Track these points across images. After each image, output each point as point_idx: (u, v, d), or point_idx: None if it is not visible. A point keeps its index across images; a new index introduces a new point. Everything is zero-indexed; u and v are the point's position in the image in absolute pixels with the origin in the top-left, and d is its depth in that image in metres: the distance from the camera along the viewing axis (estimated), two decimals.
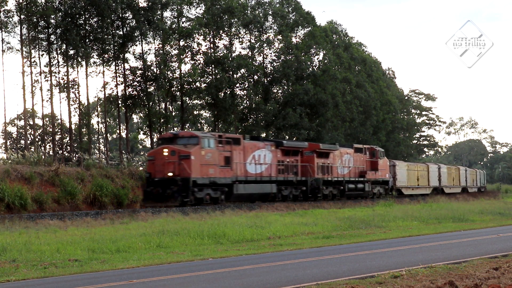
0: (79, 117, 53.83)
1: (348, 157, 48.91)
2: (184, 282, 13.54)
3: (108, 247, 20.38)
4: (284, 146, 42.57)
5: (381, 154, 52.49)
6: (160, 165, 34.57)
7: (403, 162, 60.77)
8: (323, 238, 24.30)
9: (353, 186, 48.75)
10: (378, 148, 53.10)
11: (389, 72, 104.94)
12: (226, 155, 37.19)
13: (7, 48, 49.65)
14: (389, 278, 13.00)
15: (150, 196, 34.61)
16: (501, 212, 38.72)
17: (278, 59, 65.19)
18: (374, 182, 51.81)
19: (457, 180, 69.91)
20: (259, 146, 40.62)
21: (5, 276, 15.59)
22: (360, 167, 50.16)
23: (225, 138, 37.58)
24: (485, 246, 19.59)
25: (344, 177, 48.06)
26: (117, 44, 53.75)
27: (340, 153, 47.82)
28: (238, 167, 38.17)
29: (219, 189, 36.80)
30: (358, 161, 50.00)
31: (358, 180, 49.56)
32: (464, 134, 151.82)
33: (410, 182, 58.35)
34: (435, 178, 63.28)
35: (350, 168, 49.09)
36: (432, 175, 62.78)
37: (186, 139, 35.65)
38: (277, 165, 41.66)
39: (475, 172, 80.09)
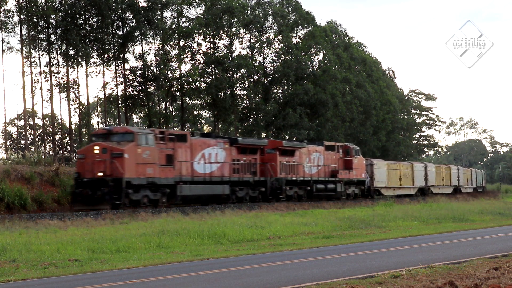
0: (79, 117, 53.88)
1: (318, 155, 45.56)
2: (184, 282, 13.54)
3: (108, 247, 20.37)
4: (239, 144, 39.39)
5: (356, 152, 49.14)
6: (90, 164, 31.55)
7: (383, 161, 57.51)
8: (323, 238, 24.29)
9: (322, 187, 45.42)
10: (352, 145, 50.13)
11: (389, 72, 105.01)
12: (168, 153, 34.09)
13: (7, 48, 49.78)
14: (389, 278, 13.00)
15: (79, 199, 31.63)
16: (501, 212, 38.71)
17: (278, 59, 65.23)
18: (348, 182, 48.53)
19: (447, 180, 66.47)
20: (210, 144, 37.35)
21: (5, 276, 15.58)
22: (331, 166, 46.89)
23: (167, 135, 34.58)
24: (485, 246, 19.59)
25: (312, 177, 44.76)
26: (117, 44, 53.78)
27: (308, 151, 44.52)
28: (183, 166, 35.12)
29: (159, 191, 33.72)
30: (329, 159, 46.75)
31: (328, 180, 46.20)
32: (464, 134, 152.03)
33: (391, 182, 54.91)
34: (420, 178, 59.95)
35: (320, 167, 45.73)
36: (417, 174, 59.44)
37: (120, 135, 32.69)
38: (231, 164, 38.45)
39: (469, 171, 76.75)
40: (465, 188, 71.57)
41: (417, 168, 59.72)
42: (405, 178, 57.08)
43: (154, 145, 33.18)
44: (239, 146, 39.30)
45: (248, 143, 40.54)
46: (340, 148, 48.29)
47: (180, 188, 34.60)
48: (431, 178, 61.84)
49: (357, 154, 49.15)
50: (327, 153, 46.61)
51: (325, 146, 46.66)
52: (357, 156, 49.23)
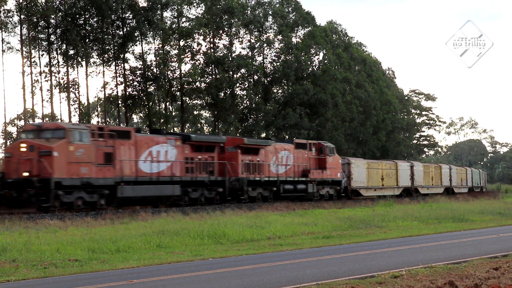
0: (79, 117, 53.86)
1: (286, 153, 42.54)
2: (184, 282, 13.54)
3: (108, 247, 20.38)
4: (193, 141, 36.27)
5: (330, 151, 45.82)
6: (16, 163, 29.02)
7: (362, 159, 54.64)
8: (323, 238, 24.30)
9: (291, 187, 42.37)
10: (326, 143, 46.71)
11: (389, 72, 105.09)
12: (107, 151, 31.29)
13: (7, 48, 49.76)
14: (389, 278, 13.00)
15: (3, 201, 29.16)
16: (501, 212, 38.74)
17: (278, 59, 65.26)
18: (322, 182, 45.42)
19: (437, 179, 63.28)
20: (159, 141, 34.47)
21: (5, 276, 15.59)
22: (302, 165, 43.71)
23: (107, 131, 31.76)
24: (485, 246, 19.60)
25: (279, 177, 41.67)
26: (117, 44, 53.79)
27: (275, 149, 41.63)
28: (125, 165, 32.28)
29: (96, 192, 30.99)
30: (300, 158, 43.62)
31: (298, 180, 43.13)
32: (464, 134, 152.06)
33: (371, 182, 51.63)
34: (406, 178, 56.88)
35: (289, 166, 42.69)
36: (402, 174, 56.37)
37: (50, 132, 29.95)
38: (183, 163, 35.55)
39: (464, 170, 73.14)
40: (458, 188, 68.66)
41: (402, 167, 56.79)
42: (388, 177, 54.00)
43: (89, 142, 30.50)
44: (193, 144, 36.28)
45: (203, 140, 37.49)
46: (312, 146, 45.07)
47: (121, 189, 31.76)
48: (418, 178, 59.01)
49: (331, 153, 45.97)
50: (298, 152, 43.58)
51: (295, 144, 43.78)
52: (332, 154, 46.01)
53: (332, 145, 47.58)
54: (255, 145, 40.46)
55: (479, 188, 77.91)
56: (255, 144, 40.60)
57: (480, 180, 78.87)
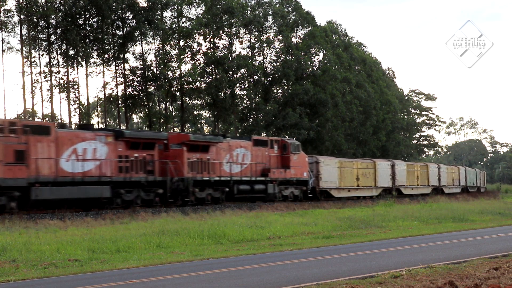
0: (79, 117, 53.89)
1: (243, 151, 39.25)
2: (184, 282, 13.54)
3: (108, 247, 20.38)
4: (127, 137, 32.71)
5: (295, 148, 42.40)
6: None
7: (333, 158, 51.06)
8: (323, 238, 24.30)
9: (247, 188, 39.02)
10: (291, 140, 43.36)
11: (389, 72, 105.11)
12: (18, 148, 28.01)
13: (7, 48, 49.82)
14: (389, 278, 13.00)
15: None
16: (501, 212, 38.74)
17: (278, 59, 65.27)
18: (284, 182, 42.04)
19: (423, 179, 60.23)
20: (85, 137, 31.13)
21: (5, 276, 15.58)
22: (261, 164, 40.41)
23: (20, 126, 28.34)
24: (485, 246, 19.60)
25: (234, 176, 38.20)
26: (117, 44, 53.82)
27: (229, 147, 38.41)
28: (43, 164, 29.03)
29: (5, 194, 27.85)
30: (259, 156, 40.27)
31: (256, 180, 39.72)
32: (464, 134, 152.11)
33: (344, 182, 48.36)
34: (386, 177, 53.72)
35: (246, 165, 39.34)
36: (382, 173, 53.07)
37: None
38: (116, 162, 32.17)
39: (456, 169, 69.77)
40: (449, 188, 65.67)
41: (382, 166, 53.52)
42: (365, 177, 50.66)
43: None
44: (128, 140, 32.68)
45: (140, 137, 33.85)
46: (274, 144, 41.70)
47: (35, 190, 28.47)
48: (401, 177, 55.94)
49: (296, 150, 42.48)
50: (257, 149, 40.21)
51: (254, 141, 40.35)
52: (297, 152, 42.52)
53: (298, 142, 43.99)
54: (204, 142, 37.00)
55: (475, 188, 75.25)
56: (203, 141, 37.08)
57: (476, 179, 76.44)
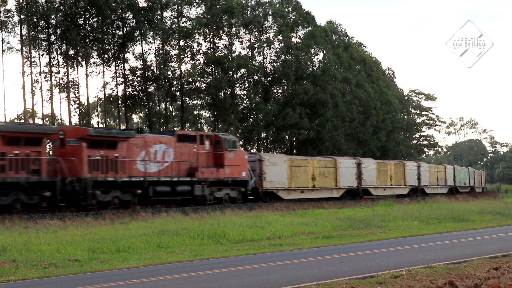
0: (79, 117, 53.88)
1: (163, 148, 34.73)
2: (184, 282, 13.54)
3: (108, 247, 20.39)
4: (2, 131, 28.30)
5: (230, 145, 38.03)
6: None
7: (282, 156, 46.44)
8: (323, 238, 24.30)
9: (167, 189, 34.58)
10: (226, 135, 38.99)
11: (389, 72, 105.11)
12: None
13: (7, 48, 49.81)
14: (389, 278, 13.00)
15: None
16: (501, 212, 38.74)
17: (278, 59, 65.27)
18: (217, 182, 37.54)
19: (399, 178, 56.09)
20: None
21: (5, 276, 15.59)
22: (187, 162, 35.84)
23: None
24: (485, 246, 19.60)
25: (149, 176, 33.63)
26: (117, 44, 53.82)
27: (144, 143, 33.83)
28: None
29: None
30: (185, 154, 35.80)
31: (179, 181, 35.23)
32: (464, 134, 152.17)
33: (296, 183, 43.96)
34: (350, 177, 49.28)
35: (167, 163, 34.81)
36: (345, 172, 48.61)
37: None
38: None
39: (442, 168, 65.39)
40: (432, 188, 61.77)
41: (345, 165, 49.20)
42: (323, 177, 46.35)
43: None
44: (4, 135, 28.29)
45: (19, 131, 29.10)
46: (205, 139, 37.31)
47: None
48: (369, 177, 51.73)
49: (233, 147, 38.17)
50: (182, 146, 35.78)
51: (178, 136, 35.83)
52: (233, 149, 38.22)
53: (234, 138, 39.46)
54: (110, 137, 32.38)
55: (468, 188, 71.34)
56: (108, 136, 32.49)
57: (469, 179, 72.62)
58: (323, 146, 65.41)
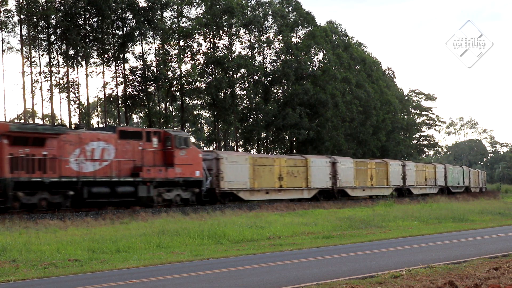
0: (79, 117, 53.89)
1: (102, 145, 31.82)
2: (184, 282, 13.54)
3: (108, 247, 20.39)
4: None
5: (182, 142, 35.10)
6: None
7: (243, 154, 43.87)
8: (323, 238, 24.30)
9: (105, 190, 31.58)
10: (176, 132, 36.34)
11: (388, 72, 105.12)
12: None
13: (7, 48, 49.83)
14: (389, 278, 13.00)
15: None
16: (501, 212, 38.75)
17: (278, 59, 65.28)
18: (166, 183, 34.62)
19: (381, 178, 53.08)
20: None
21: (5, 276, 15.58)
22: (130, 160, 32.98)
23: None
24: (485, 246, 19.60)
25: (83, 176, 30.68)
26: (117, 44, 53.81)
27: (79, 140, 30.86)
28: None
29: None
30: (128, 152, 32.92)
31: (120, 181, 32.20)
32: (464, 134, 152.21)
33: (262, 183, 41.10)
34: (323, 176, 46.20)
35: (106, 162, 31.91)
36: (317, 172, 45.60)
37: None
38: None
39: (432, 167, 62.32)
40: (420, 188, 59.13)
41: (317, 164, 46.04)
42: (292, 177, 43.51)
43: None
44: None
45: None
46: (152, 136, 34.43)
47: None
48: (346, 177, 48.75)
49: (184, 144, 35.25)
50: (124, 143, 32.86)
51: (120, 133, 32.89)
52: (185, 147, 35.30)
53: (186, 135, 36.69)
54: (36, 134, 29.49)
55: (462, 188, 68.96)
56: (34, 132, 29.50)
57: (463, 178, 70.05)
58: (323, 146, 65.40)
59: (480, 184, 79.45)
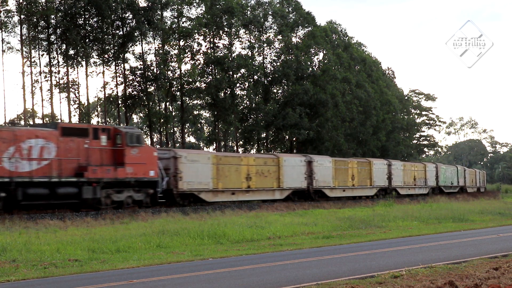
0: (79, 117, 53.89)
1: (40, 143, 29.23)
2: (184, 282, 13.54)
3: (108, 247, 20.38)
4: None
5: (133, 140, 32.46)
6: None
7: (205, 152, 41.99)
8: (323, 238, 24.30)
9: (43, 192, 29.14)
10: (128, 129, 33.49)
11: (388, 72, 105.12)
12: None
13: (7, 48, 49.81)
14: (389, 278, 13.00)
15: None
16: (501, 212, 38.75)
17: (278, 59, 65.28)
18: (115, 183, 32.01)
19: (365, 178, 50.51)
20: None
21: (5, 276, 15.58)
22: (75, 159, 30.36)
23: None
24: (485, 246, 19.59)
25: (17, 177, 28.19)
26: (117, 44, 53.81)
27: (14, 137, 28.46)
28: None
29: None
30: (72, 150, 30.32)
31: (61, 182, 29.66)
32: (464, 134, 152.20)
33: (226, 183, 38.88)
34: (298, 176, 44.24)
35: (46, 161, 29.31)
36: (291, 171, 43.54)
37: None
38: None
39: (422, 167, 59.58)
40: (408, 188, 56.44)
41: (291, 163, 43.85)
42: (261, 177, 41.37)
43: None
44: None
45: None
46: (100, 133, 31.75)
47: None
48: (324, 177, 46.44)
49: (136, 142, 32.60)
50: (68, 140, 30.27)
51: (61, 130, 30.26)
52: (137, 144, 32.64)
53: (138, 132, 33.93)
54: None
55: (456, 188, 66.57)
56: None
57: (458, 178, 67.66)
58: (323, 146, 65.40)
59: (477, 184, 78.28)
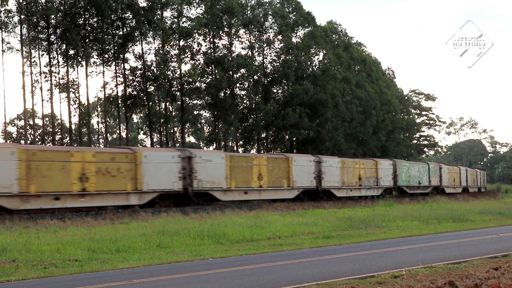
0: (79, 117, 53.88)
1: None
2: (184, 282, 13.54)
3: (108, 247, 20.38)
4: None
5: None
6: None
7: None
8: (323, 238, 24.30)
9: None
10: None
11: (388, 72, 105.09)
12: None
13: (7, 48, 49.79)
14: (389, 278, 13.00)
15: None
16: (501, 212, 38.75)
17: (278, 59, 65.25)
18: None
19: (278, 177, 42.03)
20: None
21: (5, 276, 15.59)
22: None
23: None
24: (485, 246, 19.59)
25: None
26: (117, 44, 53.80)
27: None
28: None
29: None
30: None
31: None
32: (464, 134, 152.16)
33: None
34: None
35: None
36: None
37: None
38: None
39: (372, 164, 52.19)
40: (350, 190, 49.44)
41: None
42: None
43: None
44: None
45: None
46: None
47: None
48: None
49: None
50: None
51: None
52: None
53: None
54: None
55: (428, 189, 60.82)
56: None
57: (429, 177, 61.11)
58: (323, 146, 65.38)
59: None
